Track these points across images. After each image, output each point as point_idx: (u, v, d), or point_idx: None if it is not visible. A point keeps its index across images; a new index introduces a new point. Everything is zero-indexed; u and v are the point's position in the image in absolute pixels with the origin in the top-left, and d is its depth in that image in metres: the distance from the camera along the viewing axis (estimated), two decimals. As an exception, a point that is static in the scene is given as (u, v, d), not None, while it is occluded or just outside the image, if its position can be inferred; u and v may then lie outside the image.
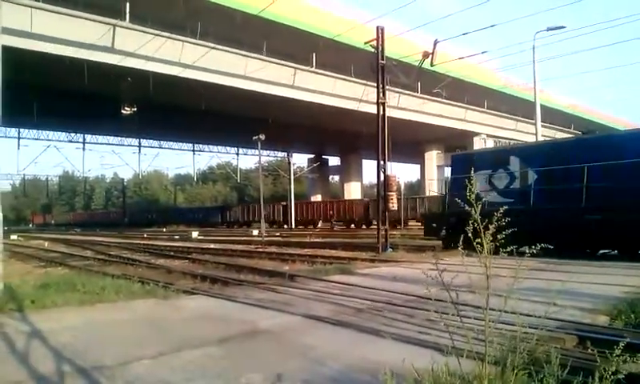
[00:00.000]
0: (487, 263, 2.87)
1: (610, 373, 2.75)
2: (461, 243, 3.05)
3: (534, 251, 3.07)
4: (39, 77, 27.42)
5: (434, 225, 18.64)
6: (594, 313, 6.06)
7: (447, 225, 16.74)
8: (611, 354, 2.86)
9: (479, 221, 2.97)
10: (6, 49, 8.72)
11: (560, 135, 53.70)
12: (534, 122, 26.29)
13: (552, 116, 46.83)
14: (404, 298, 7.18)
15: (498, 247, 2.93)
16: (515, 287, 2.93)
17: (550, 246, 3.22)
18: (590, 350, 4.18)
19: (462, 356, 3.07)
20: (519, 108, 46.19)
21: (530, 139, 30.68)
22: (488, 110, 47.23)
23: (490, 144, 46.22)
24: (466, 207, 3.10)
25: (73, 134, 50.71)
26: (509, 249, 2.98)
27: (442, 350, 3.47)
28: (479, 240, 2.93)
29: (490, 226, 2.98)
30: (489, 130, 47.57)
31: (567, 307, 6.10)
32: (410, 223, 38.87)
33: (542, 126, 28.02)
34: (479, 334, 3.04)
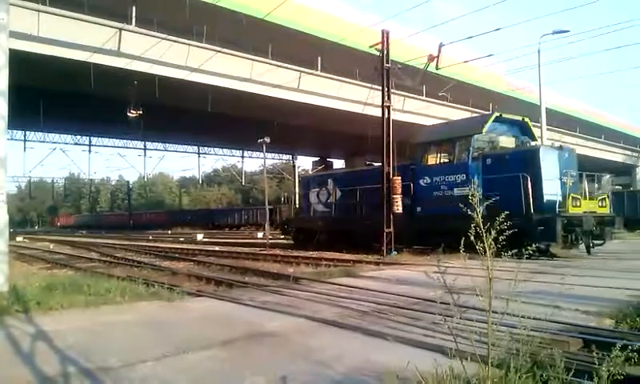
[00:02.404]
0: (489, 266, 2.87)
1: (606, 374, 2.75)
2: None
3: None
4: (45, 80, 27.55)
5: (286, 227, 24.86)
6: (599, 316, 6.04)
7: (296, 226, 23.42)
8: (616, 357, 2.86)
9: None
10: (12, 52, 8.78)
11: (565, 138, 53.60)
12: (539, 125, 26.21)
13: (558, 119, 46.69)
14: (408, 300, 7.18)
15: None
16: (520, 289, 2.94)
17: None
18: (594, 353, 4.17)
19: (467, 359, 3.07)
20: (525, 111, 46.06)
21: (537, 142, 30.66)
22: (493, 114, 47.18)
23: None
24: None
25: (79, 137, 50.96)
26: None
27: (445, 352, 3.48)
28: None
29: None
30: (494, 134, 47.44)
31: (572, 310, 6.09)
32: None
33: (548, 129, 27.96)
34: (483, 337, 3.04)
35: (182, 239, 38.04)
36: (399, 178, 17.29)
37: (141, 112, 32.22)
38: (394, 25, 22.90)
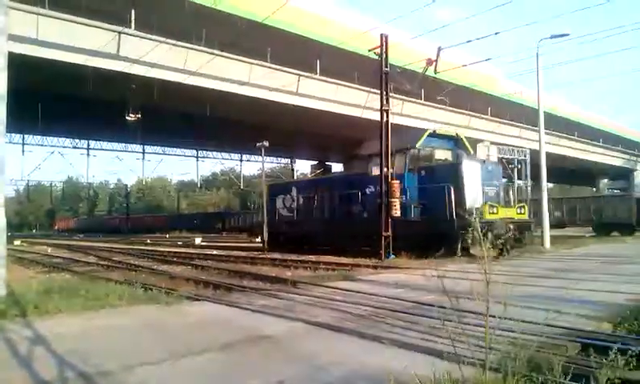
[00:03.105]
0: (486, 269, 2.88)
1: (605, 378, 2.76)
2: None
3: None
4: (44, 83, 27.52)
5: (257, 230, 28.34)
6: (598, 320, 6.04)
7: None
8: (611, 362, 2.87)
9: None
10: (11, 55, 8.78)
11: (564, 142, 53.74)
12: (537, 128, 26.26)
13: (556, 123, 46.79)
14: (406, 304, 7.18)
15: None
16: (521, 294, 2.94)
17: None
18: (592, 358, 4.17)
19: (464, 363, 3.07)
20: (523, 115, 46.19)
21: (535, 146, 30.74)
22: (492, 117, 47.19)
23: (494, 150, 46.23)
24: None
25: (77, 140, 50.93)
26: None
27: (443, 356, 3.48)
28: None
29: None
30: (492, 138, 47.45)
31: (571, 314, 6.09)
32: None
33: (546, 133, 28.00)
34: (481, 341, 3.04)
35: (179, 243, 37.97)
36: (398, 181, 17.34)
37: (139, 115, 32.22)
38: (393, 29, 22.89)
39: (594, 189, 74.26)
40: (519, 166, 42.32)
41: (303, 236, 22.55)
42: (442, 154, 19.16)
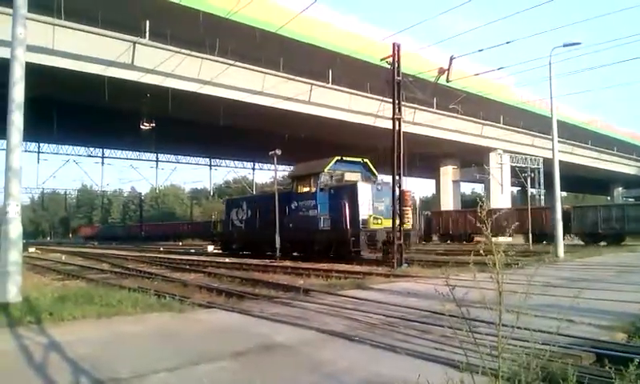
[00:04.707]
0: (499, 279, 2.87)
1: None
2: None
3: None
4: (59, 92, 27.89)
5: (215, 238, 33.16)
6: (612, 330, 5.98)
7: (221, 238, 30.86)
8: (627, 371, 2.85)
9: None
10: (28, 65, 8.91)
11: (577, 150, 53.33)
12: (550, 137, 26.13)
13: (569, 132, 46.49)
14: (418, 313, 7.15)
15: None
16: (533, 303, 2.93)
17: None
18: (607, 368, 4.13)
19: (477, 372, 3.06)
20: (536, 124, 45.94)
21: (548, 155, 30.58)
22: (504, 126, 46.99)
23: (507, 159, 46.06)
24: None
25: (92, 149, 51.52)
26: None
27: (456, 366, 3.46)
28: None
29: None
30: (505, 146, 47.34)
31: (585, 324, 6.04)
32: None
33: (559, 141, 27.85)
34: (493, 350, 3.03)
35: (192, 250, 38.05)
36: (409, 191, 17.51)
37: (154, 124, 32.54)
38: (405, 38, 22.96)
39: (609, 197, 73.55)
40: (532, 175, 42.23)
41: (249, 242, 26.59)
42: (352, 176, 22.24)
